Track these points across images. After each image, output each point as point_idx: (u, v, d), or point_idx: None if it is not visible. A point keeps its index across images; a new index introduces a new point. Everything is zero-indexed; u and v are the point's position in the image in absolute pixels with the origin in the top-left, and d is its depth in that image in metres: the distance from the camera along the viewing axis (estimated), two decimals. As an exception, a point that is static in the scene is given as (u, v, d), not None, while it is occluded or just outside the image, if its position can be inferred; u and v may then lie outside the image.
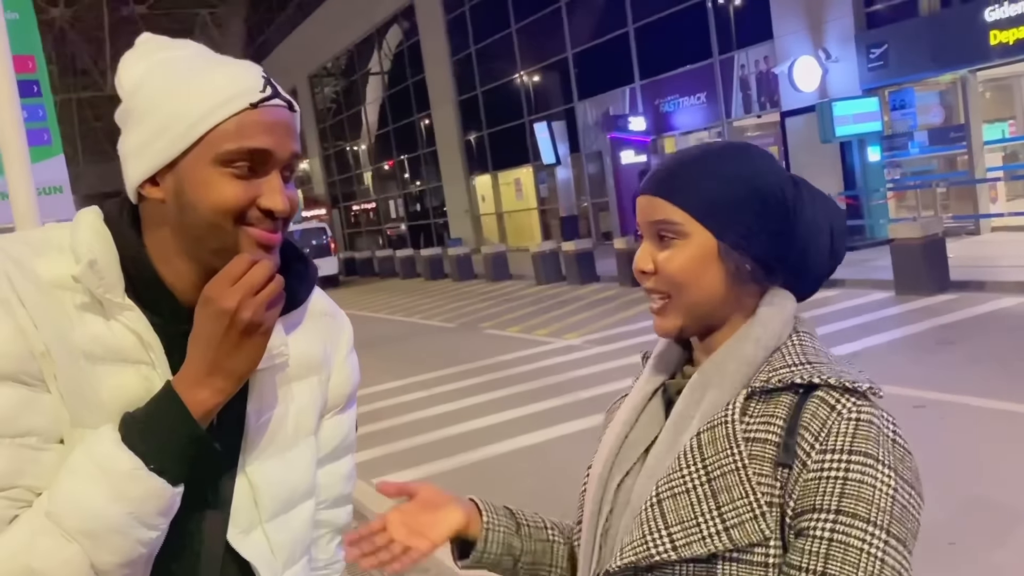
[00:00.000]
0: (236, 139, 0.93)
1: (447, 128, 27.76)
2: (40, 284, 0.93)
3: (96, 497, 0.87)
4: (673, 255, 1.01)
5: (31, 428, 0.90)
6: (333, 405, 1.17)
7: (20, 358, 0.89)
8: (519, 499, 5.42)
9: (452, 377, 8.96)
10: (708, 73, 17.54)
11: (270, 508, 1.06)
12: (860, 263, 12.22)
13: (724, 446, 0.95)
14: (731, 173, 1.01)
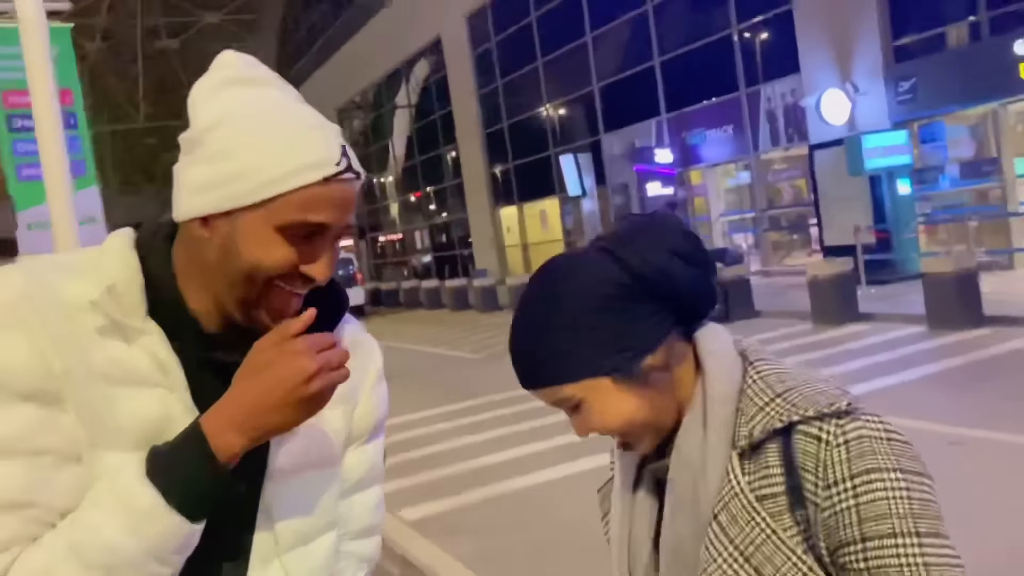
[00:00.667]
0: (300, 211, 0.93)
1: (473, 160, 27.95)
2: (62, 306, 0.93)
3: (115, 531, 0.87)
4: (588, 417, 0.98)
5: (48, 447, 0.90)
6: (359, 435, 1.15)
7: (38, 378, 0.90)
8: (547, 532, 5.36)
9: (478, 408, 8.92)
10: (735, 106, 17.55)
11: (288, 540, 1.05)
12: (891, 297, 12.07)
13: (746, 519, 0.92)
14: (557, 322, 0.96)
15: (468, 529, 5.31)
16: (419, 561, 4.70)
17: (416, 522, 5.46)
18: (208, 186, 0.94)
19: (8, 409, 0.89)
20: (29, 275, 0.94)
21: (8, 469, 0.87)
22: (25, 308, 0.91)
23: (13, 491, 0.87)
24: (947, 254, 10.98)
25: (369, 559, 1.21)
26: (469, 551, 4.90)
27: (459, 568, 4.67)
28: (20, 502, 0.87)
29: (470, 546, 4.99)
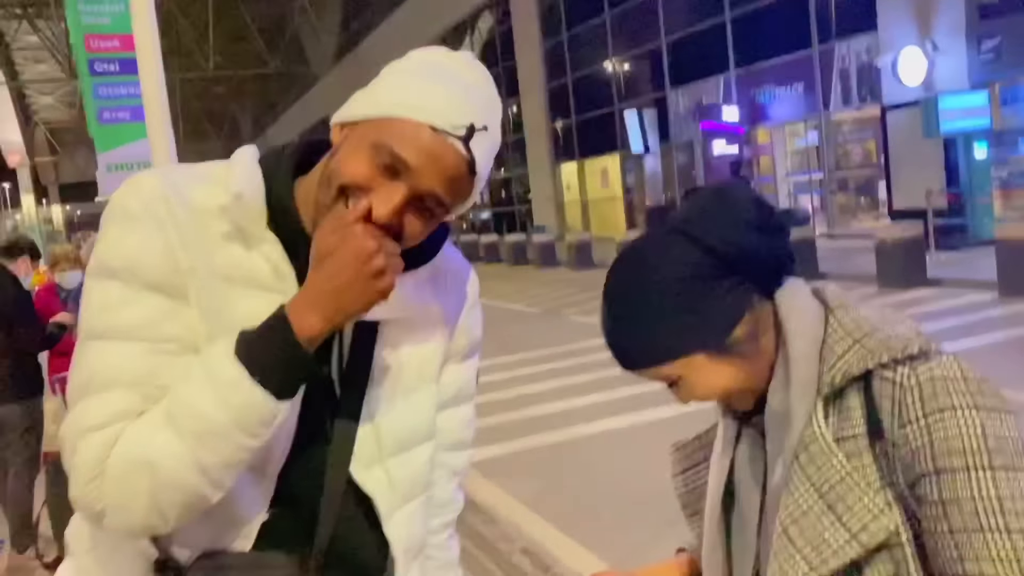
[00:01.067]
0: (394, 138, 0.98)
1: (535, 115, 27.79)
2: (192, 209, 1.01)
3: (204, 402, 0.94)
4: (688, 390, 1.03)
5: (171, 336, 0.99)
6: (455, 353, 1.23)
7: (167, 272, 0.99)
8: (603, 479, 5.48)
9: (535, 360, 9.04)
10: (807, 63, 17.08)
11: (391, 446, 1.12)
12: (961, 263, 11.77)
13: (823, 460, 0.97)
14: (645, 309, 1.01)
15: (527, 472, 5.46)
16: (480, 500, 4.86)
17: (477, 464, 5.62)
18: (355, 101, 1.04)
19: (139, 297, 0.98)
20: (164, 179, 1.03)
21: (134, 351, 0.97)
22: (160, 208, 1.00)
23: (135, 371, 0.97)
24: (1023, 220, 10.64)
25: (460, 471, 1.30)
26: (528, 493, 5.05)
27: (519, 507, 4.82)
28: (140, 381, 0.97)
29: (529, 488, 5.14)
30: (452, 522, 1.30)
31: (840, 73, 16.58)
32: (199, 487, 0.96)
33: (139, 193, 1.01)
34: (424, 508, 1.20)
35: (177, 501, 0.96)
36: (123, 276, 0.98)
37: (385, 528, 1.12)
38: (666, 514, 4.74)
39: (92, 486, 0.95)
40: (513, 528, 4.49)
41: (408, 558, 1.16)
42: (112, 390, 0.96)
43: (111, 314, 0.98)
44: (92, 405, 0.96)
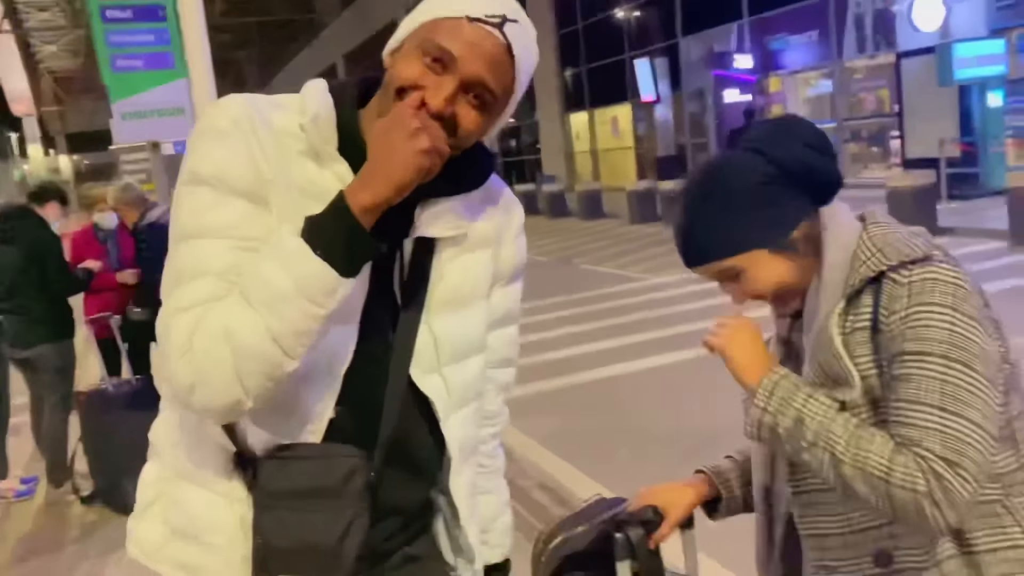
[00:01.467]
0: (437, 34, 1.10)
1: (545, 63, 27.48)
2: (272, 129, 1.13)
3: (270, 271, 1.05)
4: (747, 284, 1.23)
5: (253, 236, 1.09)
6: (502, 276, 1.33)
7: (252, 180, 1.10)
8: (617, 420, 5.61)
9: (548, 308, 9.16)
10: (821, 10, 16.83)
11: (448, 354, 1.24)
12: (973, 212, 11.78)
13: (826, 347, 1.17)
14: (721, 210, 1.22)
15: (542, 413, 5.61)
16: (497, 439, 5.02)
17: (493, 405, 5.78)
18: (400, 29, 1.16)
19: (228, 201, 1.09)
20: (249, 102, 1.15)
21: (221, 247, 1.08)
22: (246, 125, 1.11)
23: (222, 264, 1.07)
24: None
25: (506, 386, 1.41)
26: (545, 432, 5.20)
27: (535, 446, 4.98)
28: (226, 272, 1.07)
29: (545, 428, 5.29)
30: (499, 433, 1.42)
31: (855, 20, 16.34)
32: (272, 354, 1.05)
33: (228, 112, 1.12)
34: (476, 414, 1.31)
35: (255, 370, 1.05)
36: (212, 183, 1.09)
37: (443, 428, 1.24)
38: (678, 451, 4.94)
39: (184, 361, 1.05)
40: (531, 465, 4.65)
41: (463, 457, 1.28)
42: (201, 278, 1.07)
43: (202, 216, 1.09)
44: (184, 291, 1.07)
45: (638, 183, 17.54)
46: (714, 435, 4.72)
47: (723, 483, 1.47)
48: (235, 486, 1.15)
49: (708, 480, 1.47)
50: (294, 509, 1.12)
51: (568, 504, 4.09)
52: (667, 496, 1.44)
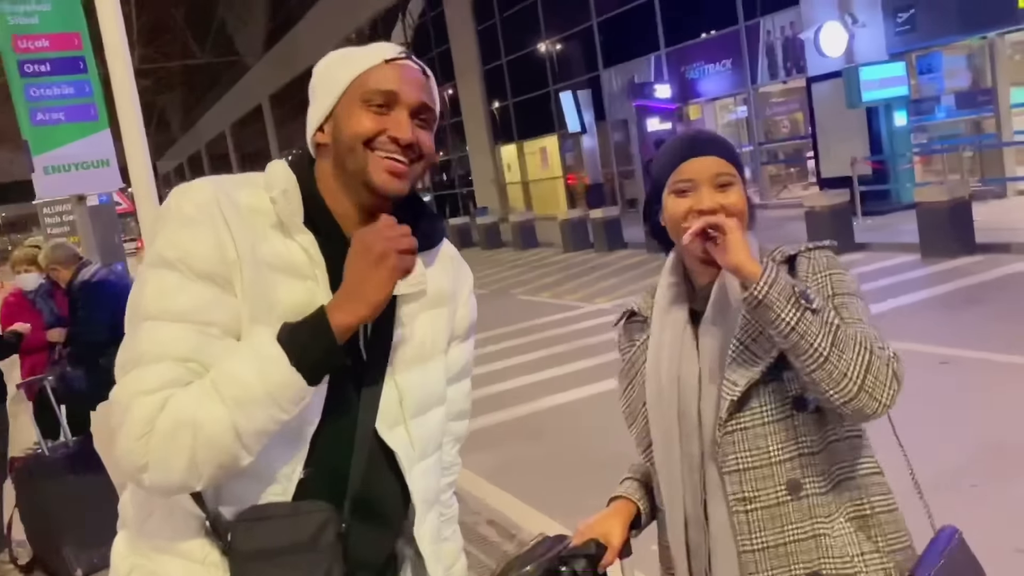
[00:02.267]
0: (372, 83, 1.25)
1: (472, 98, 27.83)
2: (239, 208, 1.21)
3: (247, 373, 1.11)
4: (732, 194, 1.45)
5: (216, 321, 1.14)
6: (458, 333, 1.44)
7: (217, 263, 1.16)
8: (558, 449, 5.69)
9: (488, 340, 9.24)
10: (734, 40, 17.52)
11: (412, 408, 1.31)
12: (886, 227, 12.32)
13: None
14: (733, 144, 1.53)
15: (488, 447, 5.68)
16: (443, 476, 5.07)
17: (437, 443, 5.83)
18: (316, 109, 1.29)
19: (191, 285, 1.14)
20: (214, 183, 1.23)
21: (183, 332, 1.13)
22: (212, 209, 1.18)
23: (184, 348, 1.12)
24: (941, 184, 11.20)
25: (461, 437, 1.52)
26: (490, 467, 5.28)
27: (481, 482, 5.05)
28: (187, 357, 1.12)
29: (490, 462, 5.36)
30: (454, 483, 1.52)
31: (766, 48, 17.05)
32: (233, 448, 1.12)
33: (194, 198, 1.20)
34: (438, 465, 1.40)
35: (212, 460, 1.12)
36: (178, 267, 1.15)
37: (407, 480, 1.31)
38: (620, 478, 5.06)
39: (141, 442, 1.09)
40: (476, 501, 4.71)
41: (426, 506, 1.35)
42: (163, 362, 1.12)
43: (165, 299, 1.14)
44: (145, 374, 1.12)
45: (570, 212, 17.86)
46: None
47: (640, 499, 1.64)
48: (210, 552, 1.19)
49: (629, 501, 1.63)
50: (271, 567, 1.16)
51: (515, 538, 4.17)
52: (604, 527, 1.57)
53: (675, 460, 1.48)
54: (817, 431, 1.39)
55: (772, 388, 1.39)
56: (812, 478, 1.39)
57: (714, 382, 1.42)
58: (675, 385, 1.47)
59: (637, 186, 21.45)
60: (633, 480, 1.68)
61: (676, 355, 1.48)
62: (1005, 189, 13.56)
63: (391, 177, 1.24)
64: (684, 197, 1.44)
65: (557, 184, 25.42)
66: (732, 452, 1.39)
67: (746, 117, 18.44)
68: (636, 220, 16.34)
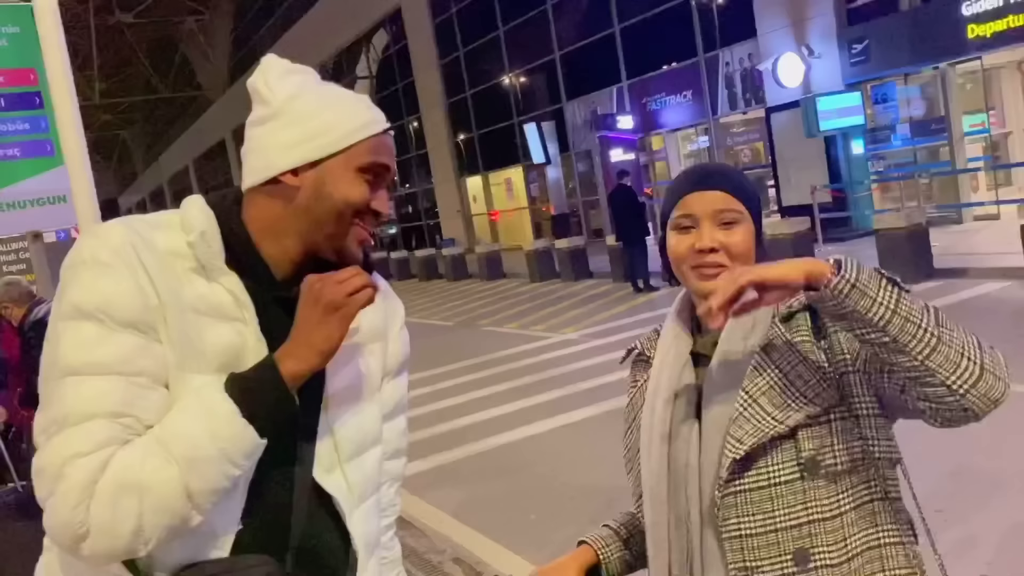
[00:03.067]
0: (373, 154, 1.21)
1: (437, 130, 27.97)
2: (157, 252, 1.13)
3: (198, 431, 1.06)
4: (735, 233, 1.33)
5: (143, 370, 1.08)
6: (391, 370, 1.39)
7: (139, 310, 1.09)
8: (527, 483, 5.64)
9: (454, 373, 9.19)
10: (694, 71, 17.82)
11: (347, 451, 1.26)
12: (847, 254, 12.49)
13: (785, 351, 1.29)
14: (752, 182, 1.40)
15: (453, 484, 5.60)
16: (409, 514, 4.97)
17: (404, 480, 5.73)
18: (297, 143, 1.19)
19: (113, 336, 1.07)
20: (128, 227, 1.14)
21: (111, 385, 1.05)
22: (128, 253, 1.10)
23: (114, 403, 1.05)
24: (899, 211, 11.42)
25: (399, 477, 1.47)
26: (455, 503, 5.20)
27: (447, 519, 4.97)
28: (119, 412, 1.05)
29: (455, 499, 5.29)
30: (394, 524, 1.46)
31: (726, 79, 17.37)
32: (184, 510, 1.06)
33: (108, 242, 1.11)
34: (376, 507, 1.35)
35: (162, 523, 1.05)
36: (97, 316, 1.07)
37: (348, 525, 1.26)
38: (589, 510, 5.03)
39: (80, 509, 1.01)
40: (442, 539, 4.63)
41: (368, 551, 1.30)
42: (93, 420, 1.04)
43: (87, 351, 1.06)
44: (76, 434, 1.04)
45: (536, 242, 17.92)
46: (622, 490, 4.83)
47: (602, 548, 1.56)
48: None
49: (591, 548, 1.56)
50: None
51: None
52: (556, 573, 1.52)
53: (662, 518, 1.37)
54: (829, 495, 1.26)
55: (783, 447, 1.25)
56: (822, 548, 1.25)
57: (718, 436, 1.29)
58: (667, 430, 1.36)
59: (602, 216, 21.61)
60: (608, 528, 1.60)
61: (671, 399, 1.37)
62: (961, 215, 13.86)
63: (359, 249, 1.23)
64: (686, 234, 1.33)
65: (523, 215, 25.55)
66: (734, 516, 1.27)
67: (707, 147, 18.70)
68: (602, 250, 16.48)
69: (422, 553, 4.40)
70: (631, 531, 1.56)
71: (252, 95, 1.23)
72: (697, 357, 1.38)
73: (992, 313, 8.03)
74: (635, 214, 12.93)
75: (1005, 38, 12.48)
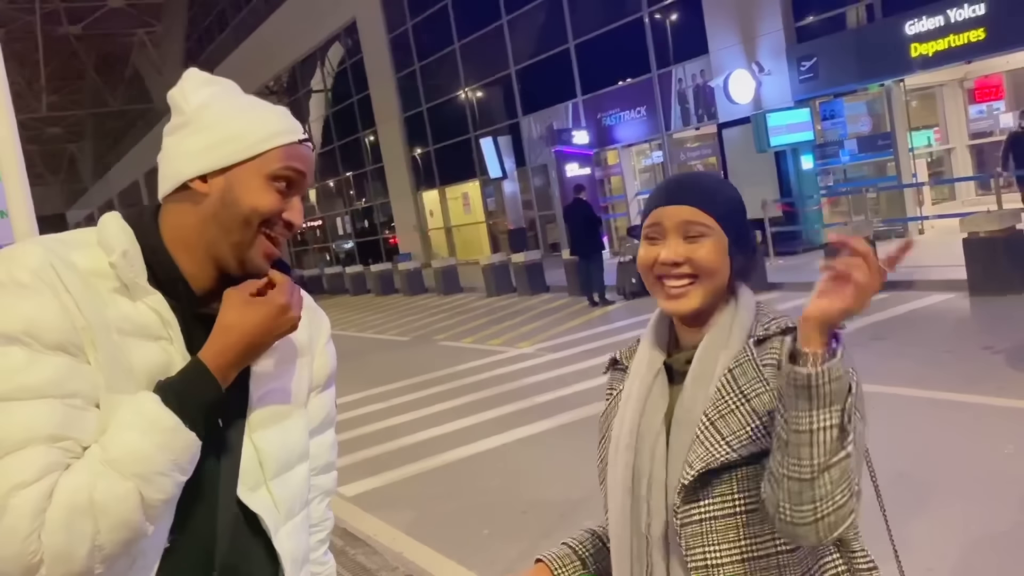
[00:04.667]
0: (286, 161, 1.20)
1: (393, 144, 27.89)
2: (78, 272, 1.11)
3: (148, 447, 1.06)
4: (701, 247, 1.30)
5: (76, 391, 1.06)
6: (317, 384, 1.38)
7: (67, 331, 1.07)
8: (481, 498, 5.62)
9: (409, 388, 9.13)
10: (647, 87, 18.05)
11: (272, 468, 1.25)
12: (798, 267, 12.72)
13: (753, 376, 1.25)
14: (732, 192, 1.36)
15: (406, 501, 5.55)
16: (360, 532, 4.91)
17: (355, 497, 5.67)
18: (207, 149, 1.18)
19: (43, 359, 1.05)
20: (45, 247, 1.11)
21: (46, 408, 1.03)
22: (49, 274, 1.07)
23: (51, 427, 1.03)
24: (847, 224, 11.65)
25: (330, 491, 1.46)
26: (408, 520, 5.14)
27: (399, 536, 4.91)
28: (57, 436, 1.03)
29: (408, 516, 5.23)
30: (327, 539, 1.45)
31: (679, 95, 17.61)
32: (141, 524, 1.06)
33: (26, 264, 1.08)
34: (305, 523, 1.33)
35: (119, 540, 1.04)
36: (24, 340, 1.04)
37: (274, 542, 1.24)
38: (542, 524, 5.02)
39: (31, 539, 0.99)
40: (395, 556, 4.58)
41: (295, 567, 1.29)
42: (31, 447, 1.02)
43: (17, 377, 1.03)
44: (15, 463, 1.00)
45: (493, 256, 17.93)
46: (575, 504, 4.83)
47: (558, 568, 1.52)
48: None
49: (546, 567, 1.53)
50: None
51: (434, 592, 4.05)
52: None
53: (625, 531, 1.34)
54: None
55: (748, 473, 1.22)
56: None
57: (682, 454, 1.26)
58: (633, 441, 1.33)
59: (559, 230, 21.71)
60: (566, 547, 1.55)
61: (640, 408, 1.34)
62: (906, 228, 14.20)
63: (265, 261, 1.21)
64: (653, 244, 1.33)
65: (479, 229, 25.56)
66: (699, 545, 1.23)
67: (661, 162, 18.93)
68: (558, 264, 16.53)
69: (374, 571, 4.34)
70: (590, 550, 1.54)
71: (171, 107, 1.22)
72: (673, 373, 1.36)
73: (936, 324, 8.23)
74: (591, 228, 13.00)
75: (947, 56, 12.85)
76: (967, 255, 9.23)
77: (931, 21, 12.83)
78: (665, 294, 1.32)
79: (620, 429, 1.36)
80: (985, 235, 9.03)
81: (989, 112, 16.04)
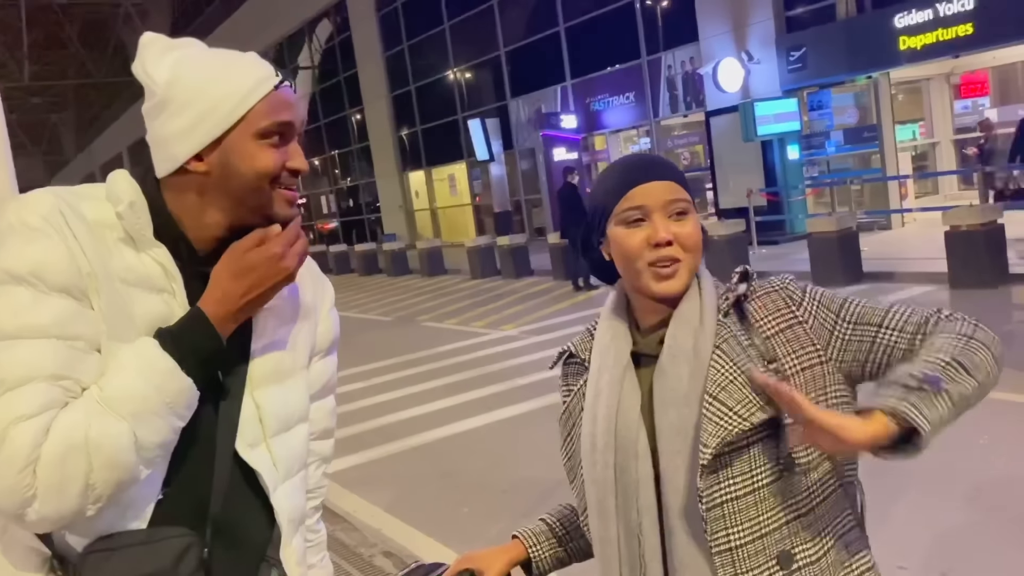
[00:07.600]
0: (270, 115, 1.17)
1: (380, 124, 27.73)
2: (85, 221, 1.13)
3: (143, 387, 1.08)
4: (687, 224, 1.27)
5: (79, 334, 1.08)
6: (320, 349, 1.39)
7: (72, 275, 1.09)
8: (461, 478, 5.64)
9: (391, 368, 9.13)
10: (637, 73, 18.02)
11: (272, 426, 1.26)
12: (780, 256, 12.80)
13: (736, 346, 1.23)
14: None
15: (386, 479, 5.57)
16: (340, 509, 4.93)
17: (336, 474, 5.67)
18: (191, 128, 1.16)
19: (48, 300, 1.07)
20: (55, 194, 1.13)
21: (49, 348, 1.05)
22: (57, 219, 1.10)
23: (53, 366, 1.05)
24: (830, 215, 11.72)
25: (327, 458, 1.47)
26: (388, 498, 5.17)
27: (379, 513, 4.93)
28: (58, 375, 1.05)
29: (389, 493, 5.25)
30: (320, 507, 1.46)
31: (667, 82, 17.61)
32: (133, 465, 1.07)
33: (37, 208, 1.10)
34: (303, 484, 1.34)
35: (111, 479, 1.05)
36: (30, 281, 1.07)
37: (272, 500, 1.25)
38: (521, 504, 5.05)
39: (26, 472, 1.01)
40: (373, 533, 4.60)
41: (292, 528, 1.29)
42: (33, 383, 1.04)
43: (22, 316, 1.06)
44: (16, 398, 1.03)
45: (478, 239, 17.91)
46: (556, 484, 4.86)
47: (533, 545, 1.53)
48: None
49: (521, 544, 1.53)
50: None
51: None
52: (483, 560, 1.49)
53: (611, 533, 1.30)
54: (804, 490, 1.21)
55: (761, 448, 1.20)
56: (802, 546, 1.22)
57: (676, 439, 1.23)
58: (611, 439, 1.28)
59: (545, 214, 21.71)
60: (543, 523, 1.54)
61: (614, 404, 1.29)
62: (890, 221, 14.31)
63: (290, 207, 1.23)
64: (637, 227, 1.26)
65: (465, 211, 25.52)
66: (723, 528, 1.20)
67: (649, 148, 18.94)
68: (543, 247, 16.54)
69: (352, 547, 4.36)
70: (567, 527, 1.53)
71: (141, 83, 1.21)
72: (638, 357, 1.31)
73: (916, 316, 8.30)
74: (579, 212, 13.01)
75: (935, 50, 12.91)
76: (948, 248, 9.32)
77: (920, 14, 12.88)
78: (656, 276, 1.26)
79: (593, 427, 1.31)
80: (967, 228, 9.12)
81: (974, 107, 16.14)
